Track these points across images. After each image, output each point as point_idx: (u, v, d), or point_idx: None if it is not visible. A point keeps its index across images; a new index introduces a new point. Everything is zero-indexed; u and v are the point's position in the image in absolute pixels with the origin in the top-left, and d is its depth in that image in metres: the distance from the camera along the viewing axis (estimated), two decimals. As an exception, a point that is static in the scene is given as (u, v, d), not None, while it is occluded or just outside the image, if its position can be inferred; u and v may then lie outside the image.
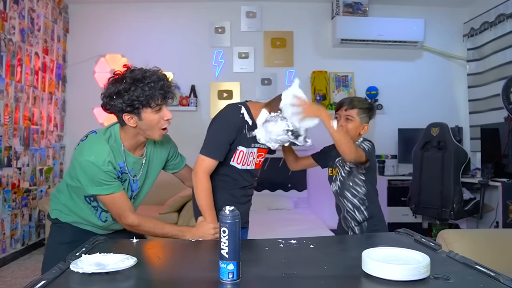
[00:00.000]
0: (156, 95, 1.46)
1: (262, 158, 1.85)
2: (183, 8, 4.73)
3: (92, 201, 1.59)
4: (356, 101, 1.92)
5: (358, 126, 1.90)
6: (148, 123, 1.50)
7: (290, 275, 1.08)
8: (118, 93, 1.44)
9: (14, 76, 3.65)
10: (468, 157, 3.61)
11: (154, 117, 1.49)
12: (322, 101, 4.66)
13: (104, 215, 1.62)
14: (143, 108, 1.46)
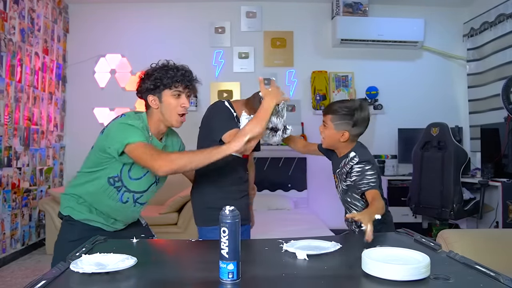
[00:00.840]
0: (177, 79, 1.65)
1: None
2: (183, 8, 4.73)
3: (117, 182, 1.64)
4: (333, 106, 1.79)
5: (334, 134, 1.77)
6: (167, 106, 1.65)
7: (290, 275, 1.08)
8: (147, 75, 1.67)
9: (14, 76, 3.65)
10: (468, 157, 3.61)
11: (173, 101, 1.65)
12: (322, 101, 4.66)
13: (126, 195, 1.66)
14: (164, 89, 1.64)
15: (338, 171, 1.84)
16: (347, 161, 1.76)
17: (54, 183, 4.47)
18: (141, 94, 1.71)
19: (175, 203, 3.94)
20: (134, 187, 1.67)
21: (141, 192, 1.70)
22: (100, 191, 1.64)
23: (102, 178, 1.64)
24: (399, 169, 4.62)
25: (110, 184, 1.64)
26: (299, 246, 1.27)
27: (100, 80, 4.71)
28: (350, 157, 1.76)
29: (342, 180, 1.81)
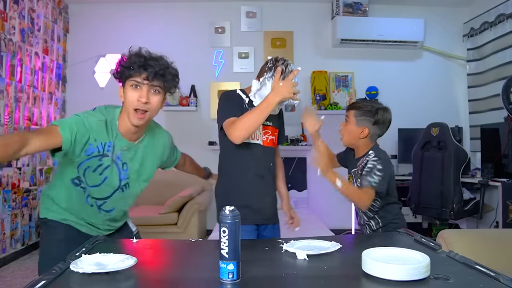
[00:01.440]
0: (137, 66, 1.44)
1: (270, 136, 1.89)
2: (183, 8, 4.73)
3: (81, 182, 1.53)
4: (358, 102, 1.88)
5: (354, 129, 1.82)
6: (127, 98, 1.48)
7: (290, 275, 1.08)
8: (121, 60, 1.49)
9: (14, 76, 3.65)
10: (468, 157, 3.61)
11: (131, 93, 1.47)
12: (322, 101, 4.66)
13: (90, 200, 1.57)
14: (126, 79, 1.47)
15: (354, 170, 1.87)
16: (366, 161, 1.79)
17: (54, 183, 4.47)
18: None
19: (175, 203, 3.94)
20: (95, 193, 1.56)
21: (103, 198, 1.58)
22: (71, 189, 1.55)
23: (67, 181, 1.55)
24: (399, 169, 4.62)
25: (76, 185, 1.54)
26: (299, 246, 1.27)
27: (100, 80, 4.71)
28: (370, 156, 1.80)
29: (357, 179, 1.84)
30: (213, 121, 4.67)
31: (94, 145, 1.47)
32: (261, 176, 1.90)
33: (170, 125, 4.70)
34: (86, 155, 1.47)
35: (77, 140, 1.42)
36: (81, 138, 1.44)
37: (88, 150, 1.47)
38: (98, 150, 1.48)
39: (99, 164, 1.51)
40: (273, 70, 1.76)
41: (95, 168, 1.50)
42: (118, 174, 1.56)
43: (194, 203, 3.99)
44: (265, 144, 1.89)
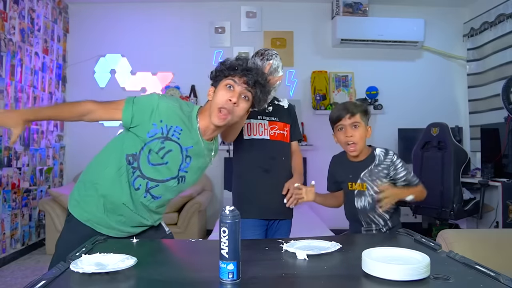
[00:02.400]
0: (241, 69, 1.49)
1: (277, 130, 1.95)
2: (183, 8, 4.73)
3: (135, 161, 1.49)
4: (353, 106, 1.79)
5: (365, 131, 1.78)
6: (217, 96, 1.51)
7: (290, 275, 1.08)
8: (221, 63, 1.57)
9: (14, 76, 3.65)
10: (468, 157, 3.61)
11: (224, 93, 1.50)
12: (322, 101, 4.66)
13: (139, 181, 1.50)
14: (222, 79, 1.53)
15: (365, 173, 1.76)
16: (381, 158, 1.75)
17: (54, 183, 4.47)
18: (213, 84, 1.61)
19: (175, 203, 3.94)
20: (150, 173, 1.49)
21: (158, 181, 1.51)
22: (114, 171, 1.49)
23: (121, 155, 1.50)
24: (399, 169, 4.62)
25: (128, 163, 1.49)
26: (299, 246, 1.27)
27: (100, 80, 4.71)
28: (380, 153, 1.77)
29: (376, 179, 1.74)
30: (213, 121, 4.67)
31: (158, 125, 1.46)
32: (266, 170, 1.92)
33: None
34: (149, 137, 1.46)
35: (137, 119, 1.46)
36: (143, 117, 1.46)
37: (151, 132, 1.46)
38: (162, 131, 1.46)
39: (161, 147, 1.47)
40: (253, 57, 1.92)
41: (157, 150, 1.47)
42: (180, 164, 1.52)
43: (194, 203, 3.99)
44: (273, 138, 1.93)
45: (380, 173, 1.75)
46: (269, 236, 1.98)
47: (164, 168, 1.49)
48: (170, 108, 1.48)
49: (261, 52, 1.94)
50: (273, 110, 1.99)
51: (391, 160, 1.75)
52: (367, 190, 1.76)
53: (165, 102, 1.48)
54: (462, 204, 3.51)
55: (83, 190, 1.56)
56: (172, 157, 1.49)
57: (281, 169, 1.96)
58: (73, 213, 1.55)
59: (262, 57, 1.90)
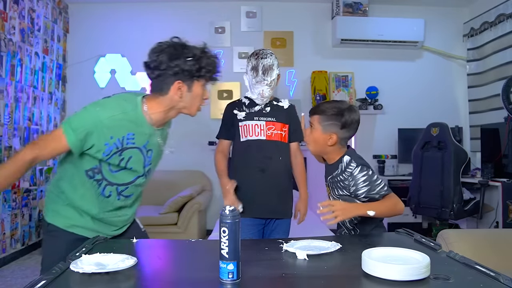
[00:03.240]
0: (216, 70, 1.50)
1: (274, 131, 1.97)
2: (183, 8, 4.73)
3: (96, 174, 1.45)
4: (321, 105, 1.63)
5: (321, 136, 1.59)
6: (194, 96, 1.48)
7: (290, 275, 1.08)
8: (194, 56, 1.44)
9: (14, 76, 3.65)
10: (468, 157, 3.61)
11: (201, 92, 1.49)
12: (322, 101, 4.66)
13: (108, 189, 1.49)
14: (201, 78, 1.47)
15: (329, 178, 1.66)
16: (343, 167, 1.58)
17: (54, 183, 4.47)
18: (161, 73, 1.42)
19: (175, 203, 3.94)
20: (117, 179, 1.49)
21: (126, 184, 1.51)
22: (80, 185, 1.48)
23: (80, 170, 1.46)
24: (399, 169, 4.62)
25: (90, 177, 1.46)
26: (299, 246, 1.27)
27: (100, 80, 4.71)
28: (345, 162, 1.58)
29: (336, 188, 1.63)
30: (213, 121, 4.67)
31: (110, 143, 1.40)
32: (261, 169, 1.95)
33: None
34: (105, 156, 1.41)
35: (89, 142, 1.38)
36: (93, 140, 1.38)
37: (106, 151, 1.40)
38: (117, 146, 1.41)
39: (120, 159, 1.44)
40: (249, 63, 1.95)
41: (118, 163, 1.45)
42: (143, 161, 1.52)
43: (194, 203, 3.99)
44: (269, 138, 1.96)
45: (339, 183, 1.60)
46: (266, 235, 2.00)
47: (129, 172, 1.50)
48: (114, 119, 1.38)
49: (256, 52, 1.98)
50: (271, 110, 2.01)
51: (351, 173, 1.55)
52: (330, 196, 1.69)
53: (107, 115, 1.37)
54: (462, 204, 3.51)
55: (59, 200, 1.52)
56: (134, 161, 1.49)
57: (278, 168, 1.98)
58: (54, 223, 1.50)
59: (257, 57, 1.94)
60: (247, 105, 2.02)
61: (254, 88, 1.96)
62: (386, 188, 1.54)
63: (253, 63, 1.93)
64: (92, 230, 1.52)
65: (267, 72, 1.93)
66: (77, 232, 1.50)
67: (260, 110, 2.00)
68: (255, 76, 1.92)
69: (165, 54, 1.43)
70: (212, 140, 4.56)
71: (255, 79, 1.93)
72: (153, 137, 1.51)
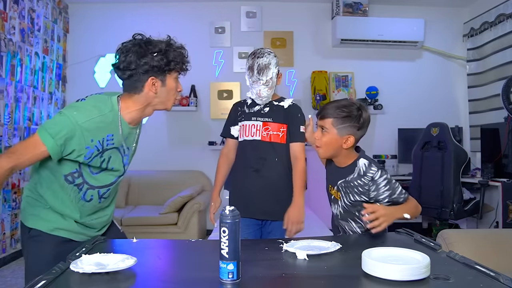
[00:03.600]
0: (184, 61, 1.52)
1: (270, 131, 1.95)
2: (183, 8, 4.73)
3: (76, 178, 1.43)
4: (331, 108, 1.53)
5: (336, 139, 1.51)
6: (168, 90, 1.49)
7: (290, 275, 1.08)
8: (157, 52, 1.44)
9: (14, 76, 3.65)
10: (468, 157, 3.61)
11: (174, 84, 1.51)
12: (322, 101, 4.66)
13: (90, 193, 1.47)
14: (173, 71, 1.48)
15: (342, 182, 1.56)
16: (361, 172, 1.50)
17: (54, 183, 4.47)
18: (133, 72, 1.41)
19: (175, 203, 3.94)
20: (99, 181, 1.47)
21: (108, 185, 1.51)
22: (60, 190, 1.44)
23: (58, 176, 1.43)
24: (399, 169, 4.62)
25: (70, 182, 1.43)
26: (299, 246, 1.27)
27: (100, 80, 4.71)
28: (362, 165, 1.51)
29: (351, 193, 1.53)
30: (213, 121, 4.67)
31: (91, 146, 1.38)
32: (255, 170, 1.94)
33: (170, 125, 4.71)
34: (87, 159, 1.39)
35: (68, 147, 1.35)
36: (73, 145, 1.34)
37: (87, 154, 1.38)
38: (97, 148, 1.40)
39: (101, 160, 1.44)
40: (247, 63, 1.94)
41: (99, 165, 1.44)
42: (122, 160, 1.53)
43: (194, 203, 3.99)
44: (264, 139, 1.95)
45: (356, 188, 1.51)
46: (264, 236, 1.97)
47: (110, 172, 1.50)
48: (92, 122, 1.36)
49: (254, 51, 1.96)
50: (269, 110, 1.99)
51: (372, 177, 1.48)
52: (340, 199, 1.59)
53: (85, 118, 1.34)
54: (462, 204, 3.51)
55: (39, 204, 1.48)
56: (114, 161, 1.49)
57: (273, 169, 1.95)
58: (37, 227, 1.45)
59: (254, 56, 1.92)
60: (249, 105, 2.03)
61: (252, 88, 1.95)
62: (404, 191, 1.51)
63: (250, 63, 1.92)
64: (76, 233, 1.50)
65: (262, 71, 1.90)
66: (62, 235, 1.47)
67: (258, 110, 1.99)
68: (251, 76, 1.91)
69: (132, 53, 1.41)
70: (212, 140, 4.56)
71: (251, 79, 1.92)
72: (130, 136, 1.52)
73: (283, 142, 1.97)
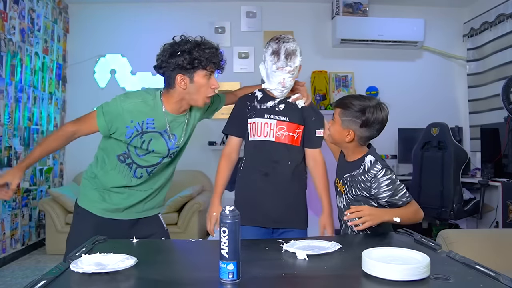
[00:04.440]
0: (213, 60, 1.59)
1: (285, 132, 1.75)
2: (183, 8, 4.73)
3: (127, 158, 1.67)
4: (346, 99, 1.55)
5: (339, 131, 1.54)
6: (198, 86, 1.59)
7: (290, 275, 1.08)
8: (182, 51, 1.56)
9: (14, 76, 3.65)
10: (468, 157, 3.61)
11: (204, 81, 1.59)
12: (322, 101, 4.66)
13: (139, 171, 1.70)
14: (199, 69, 1.57)
15: (347, 176, 1.58)
16: (366, 168, 1.52)
17: (54, 183, 4.47)
18: (164, 70, 1.59)
19: (175, 203, 3.94)
20: (145, 162, 1.69)
21: (154, 165, 1.71)
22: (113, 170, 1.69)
23: (111, 156, 1.69)
24: (399, 169, 4.62)
25: (121, 162, 1.68)
26: (299, 246, 1.27)
27: (100, 80, 4.71)
28: (368, 162, 1.52)
29: (354, 188, 1.55)
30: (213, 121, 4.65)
31: (131, 126, 1.60)
32: (265, 173, 1.76)
33: None
34: (127, 138, 1.62)
35: (113, 125, 1.60)
36: (116, 124, 1.60)
37: (127, 133, 1.61)
38: (137, 129, 1.61)
39: (142, 141, 1.64)
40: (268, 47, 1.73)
41: (140, 145, 1.64)
42: (166, 144, 1.69)
43: (194, 203, 3.99)
44: (279, 140, 1.75)
45: (359, 184, 1.52)
46: None
47: (152, 155, 1.68)
48: (135, 106, 1.60)
49: (276, 36, 1.76)
50: (285, 108, 1.77)
51: (375, 174, 1.49)
52: (344, 193, 1.60)
53: (129, 102, 1.60)
54: (462, 204, 3.51)
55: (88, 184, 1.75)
56: (155, 144, 1.66)
57: (284, 174, 1.76)
58: (82, 205, 1.72)
59: (278, 40, 1.71)
60: (260, 100, 1.80)
61: (273, 77, 1.70)
62: (408, 194, 1.50)
63: (274, 47, 1.69)
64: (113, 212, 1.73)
65: (290, 57, 1.70)
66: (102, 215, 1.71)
67: (272, 106, 1.76)
68: (276, 61, 1.67)
69: (165, 53, 1.59)
70: (212, 140, 4.56)
71: (275, 64, 1.67)
72: (174, 121, 1.67)
73: (297, 144, 1.78)
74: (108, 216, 1.72)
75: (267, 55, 1.72)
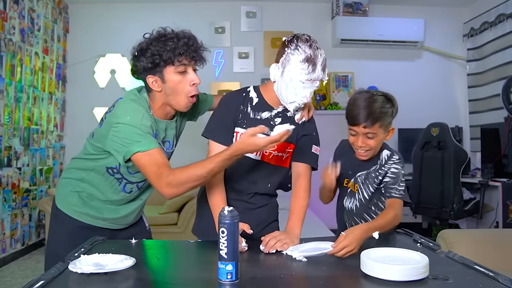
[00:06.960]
0: (179, 50, 1.35)
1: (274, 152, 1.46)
2: (183, 8, 4.73)
3: (116, 173, 1.45)
4: (375, 113, 1.44)
5: (383, 138, 1.52)
6: (172, 86, 1.37)
7: (289, 276, 1.08)
8: (141, 50, 1.39)
9: (14, 76, 3.65)
10: (468, 157, 3.61)
11: (178, 78, 1.37)
12: (322, 101, 4.66)
13: (129, 186, 1.48)
14: (165, 66, 1.36)
15: (361, 174, 1.56)
16: (383, 162, 1.53)
17: (54, 183, 4.47)
18: (137, 75, 1.44)
19: (175, 203, 3.94)
20: (136, 178, 1.48)
21: (145, 180, 1.49)
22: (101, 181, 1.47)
23: (100, 169, 1.46)
24: (399, 169, 4.62)
25: (110, 174, 1.46)
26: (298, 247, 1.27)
27: (100, 80, 4.71)
28: (384, 156, 1.54)
29: (370, 184, 1.54)
30: (213, 121, 4.67)
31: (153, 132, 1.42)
32: (237, 191, 1.51)
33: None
34: None
35: None
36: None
37: None
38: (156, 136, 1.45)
39: None
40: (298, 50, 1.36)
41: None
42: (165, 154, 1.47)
43: (194, 203, 3.98)
44: (264, 159, 1.48)
45: (375, 179, 1.53)
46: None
47: None
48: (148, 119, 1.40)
49: (305, 38, 1.42)
50: (281, 123, 1.45)
51: (389, 168, 1.52)
52: (357, 193, 1.56)
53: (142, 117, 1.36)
54: (462, 204, 3.51)
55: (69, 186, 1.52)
56: None
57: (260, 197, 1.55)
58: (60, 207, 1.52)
59: (310, 44, 1.40)
60: (254, 106, 1.47)
61: (299, 88, 1.35)
62: (402, 193, 1.49)
63: (308, 53, 1.35)
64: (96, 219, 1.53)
65: (325, 68, 1.43)
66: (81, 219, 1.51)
67: (267, 119, 1.45)
68: (311, 71, 1.35)
69: (132, 56, 1.45)
70: (212, 140, 4.56)
71: (309, 75, 1.35)
72: (169, 129, 1.52)
73: (285, 166, 1.54)
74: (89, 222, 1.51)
75: (294, 59, 1.35)
